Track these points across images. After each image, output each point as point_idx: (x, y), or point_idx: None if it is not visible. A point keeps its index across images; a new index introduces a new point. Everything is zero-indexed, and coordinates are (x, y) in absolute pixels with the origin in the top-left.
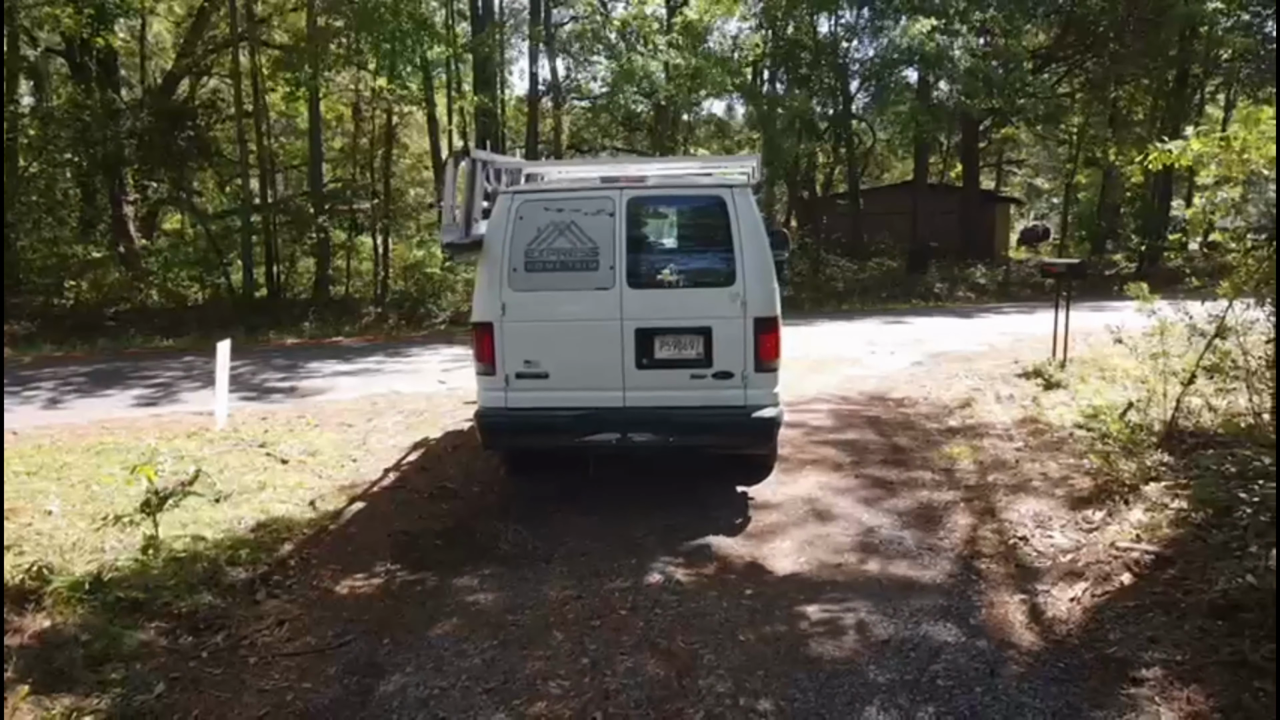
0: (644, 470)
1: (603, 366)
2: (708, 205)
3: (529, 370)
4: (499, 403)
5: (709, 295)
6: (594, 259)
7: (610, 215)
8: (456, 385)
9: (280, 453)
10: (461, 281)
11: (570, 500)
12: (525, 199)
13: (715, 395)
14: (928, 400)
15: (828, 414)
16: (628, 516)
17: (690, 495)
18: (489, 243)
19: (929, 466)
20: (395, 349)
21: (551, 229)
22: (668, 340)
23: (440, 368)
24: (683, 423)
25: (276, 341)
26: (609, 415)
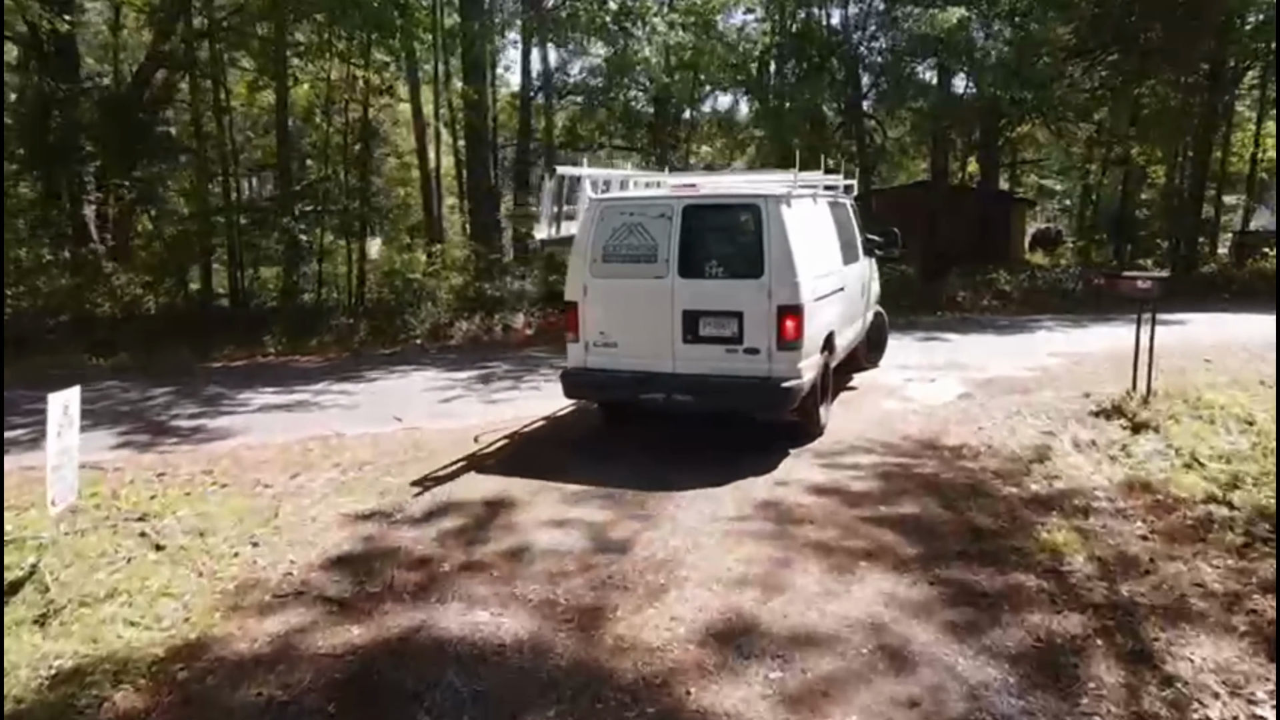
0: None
1: (658, 340)
2: (745, 212)
3: (602, 339)
4: (580, 363)
5: (742, 285)
6: (654, 254)
7: (669, 219)
8: (416, 423)
9: (160, 532)
10: (444, 288)
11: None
12: (606, 205)
13: (744, 366)
14: (992, 449)
15: (872, 471)
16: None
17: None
18: (578, 238)
19: (1028, 564)
20: (356, 371)
21: (624, 229)
22: (709, 321)
23: (402, 398)
24: (717, 388)
25: (226, 359)
26: (660, 379)
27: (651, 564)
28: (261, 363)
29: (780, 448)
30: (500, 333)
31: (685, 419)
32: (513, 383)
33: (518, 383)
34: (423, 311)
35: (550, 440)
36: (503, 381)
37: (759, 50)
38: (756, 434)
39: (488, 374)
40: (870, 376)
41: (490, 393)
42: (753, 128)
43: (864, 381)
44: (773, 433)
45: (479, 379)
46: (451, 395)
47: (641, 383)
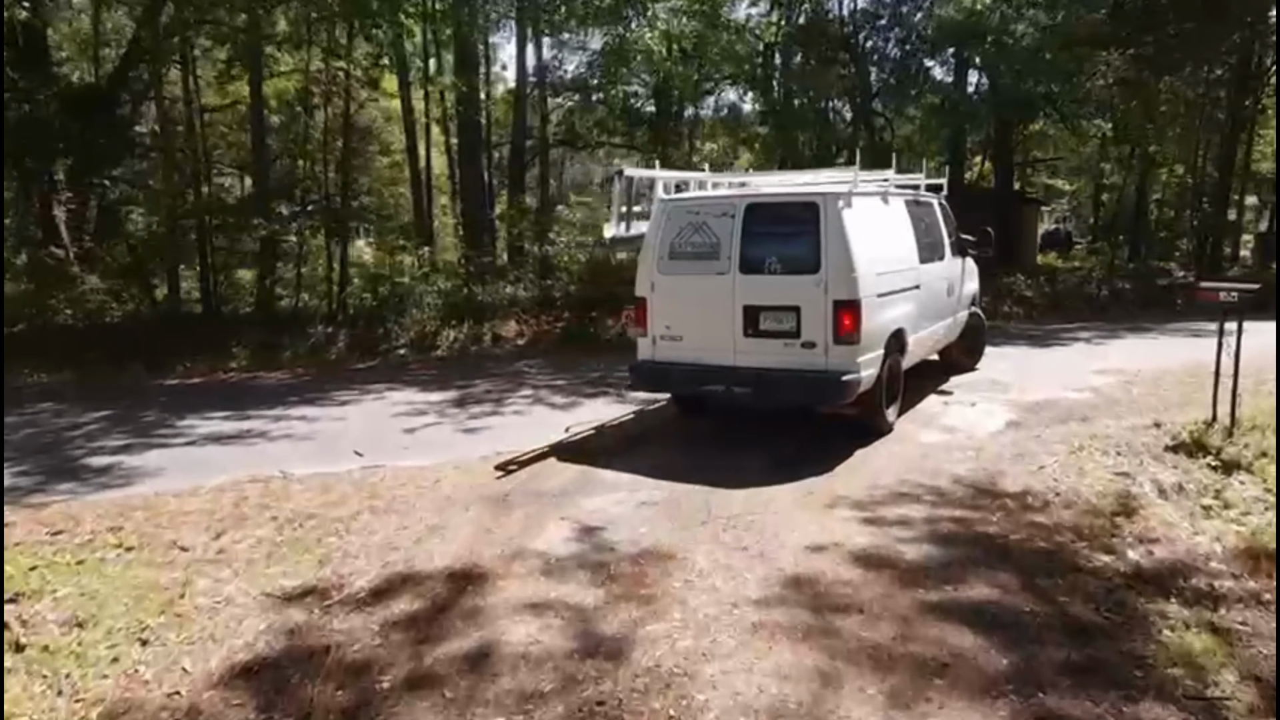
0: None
1: (720, 334)
2: (804, 209)
3: (668, 333)
4: (648, 356)
5: (800, 281)
6: (716, 251)
7: (731, 217)
8: (379, 459)
9: (30, 622)
10: (432, 293)
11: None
12: (674, 205)
13: (802, 360)
14: (1061, 496)
15: (925, 530)
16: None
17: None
18: (647, 237)
19: (1162, 688)
20: (324, 390)
21: (689, 228)
22: (768, 315)
23: (369, 426)
24: (775, 381)
25: (185, 375)
26: (722, 372)
27: (656, 679)
28: (223, 379)
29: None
30: (490, 342)
31: (735, 425)
32: (493, 405)
33: (499, 405)
34: (407, 319)
35: (526, 489)
36: (482, 405)
37: (763, 45)
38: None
39: (468, 394)
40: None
41: (468, 418)
42: (758, 125)
43: None
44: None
45: (456, 401)
46: (424, 422)
47: (704, 375)
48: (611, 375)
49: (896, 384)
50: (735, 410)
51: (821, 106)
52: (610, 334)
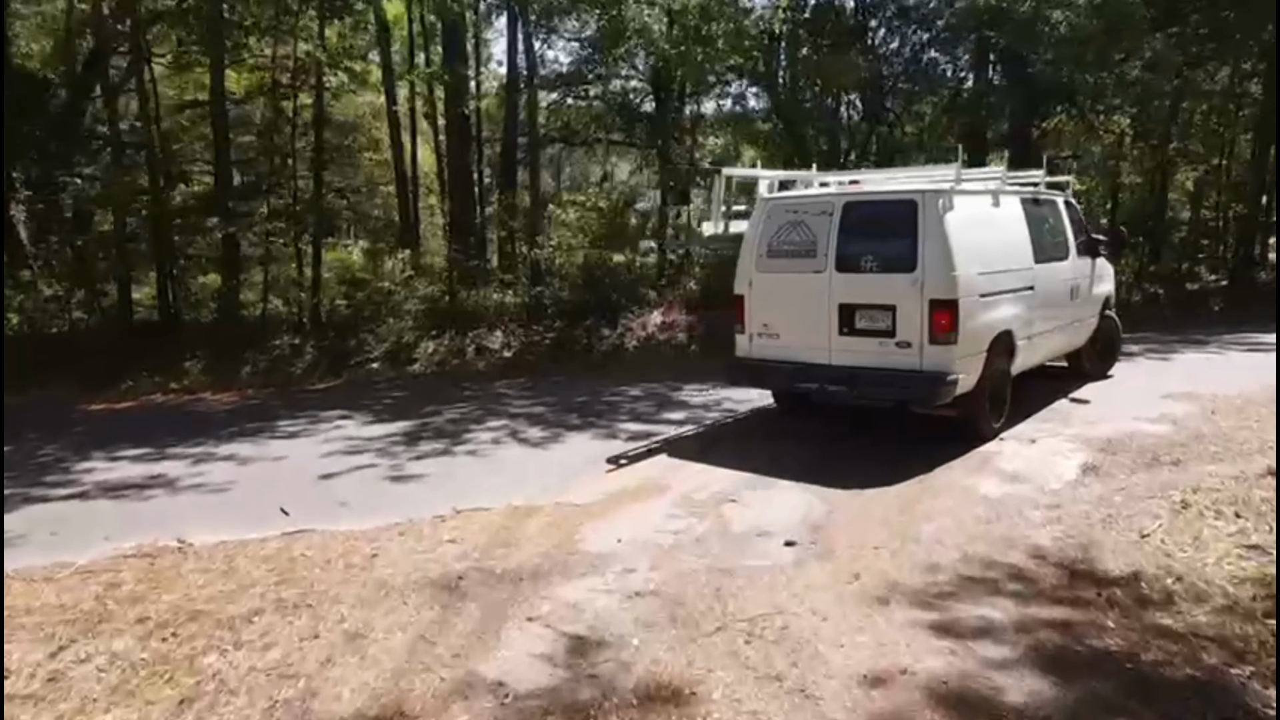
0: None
1: (815, 332)
2: (902, 207)
3: (765, 330)
4: (745, 352)
5: (896, 279)
6: (813, 249)
7: (829, 216)
8: (308, 522)
9: None
10: (413, 299)
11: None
12: (774, 203)
13: (897, 359)
14: (1185, 583)
15: (1018, 644)
16: None
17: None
18: (747, 235)
19: None
20: (268, 417)
21: (788, 226)
22: (864, 314)
23: (307, 470)
24: (869, 379)
25: (118, 397)
26: (816, 369)
27: None
28: (159, 402)
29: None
30: (473, 354)
31: (756, 472)
32: (448, 442)
33: (454, 441)
34: (383, 329)
35: (484, 568)
36: (443, 440)
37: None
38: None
39: (430, 424)
40: (952, 441)
41: (408, 459)
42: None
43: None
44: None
45: (415, 434)
46: (373, 464)
47: (798, 372)
48: (602, 399)
49: (1003, 389)
50: (762, 456)
51: (831, 100)
52: (606, 345)
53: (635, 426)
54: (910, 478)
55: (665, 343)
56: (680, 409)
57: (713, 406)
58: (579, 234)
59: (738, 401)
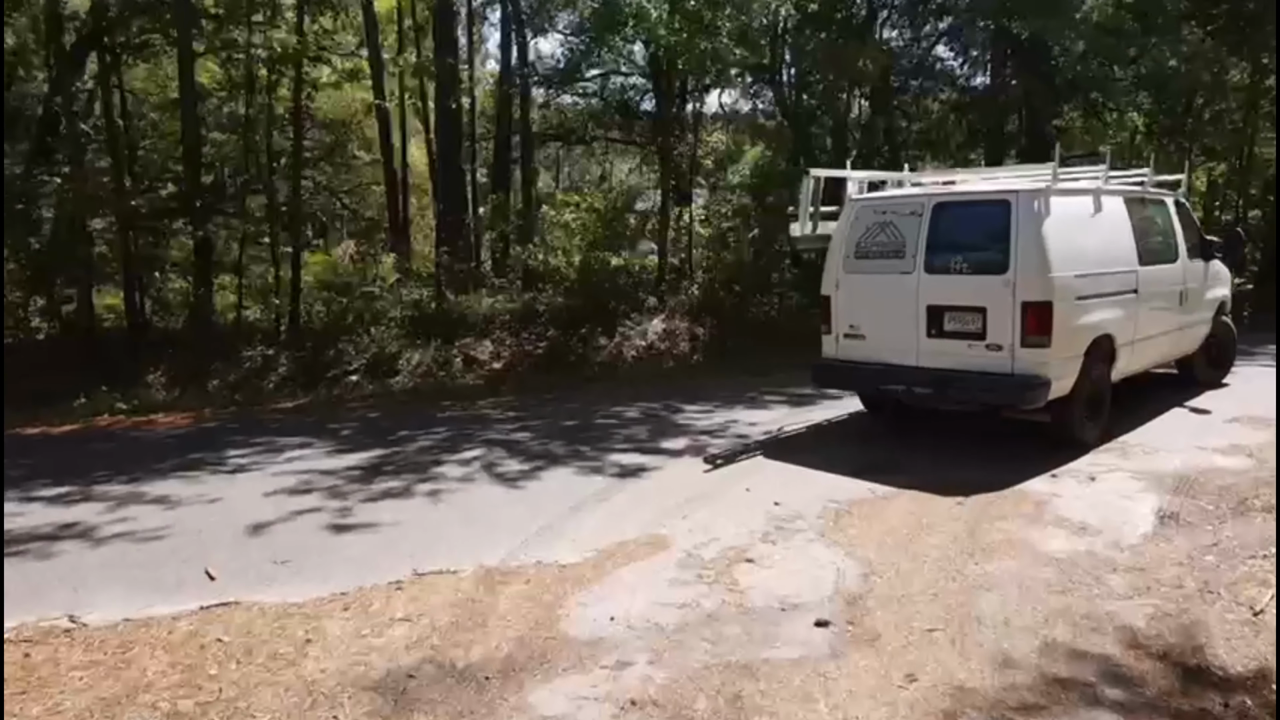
0: None
1: (903, 333)
2: (995, 208)
3: (852, 332)
4: (831, 353)
5: (987, 281)
6: (901, 250)
7: (919, 216)
8: (234, 589)
9: None
10: (398, 306)
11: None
12: (862, 205)
13: (987, 362)
14: None
15: None
16: None
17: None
18: (835, 236)
19: None
20: (218, 446)
21: (876, 227)
22: (953, 316)
23: (244, 517)
24: (958, 382)
25: (57, 420)
26: (903, 371)
27: None
28: (103, 425)
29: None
30: (460, 366)
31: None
32: (415, 478)
33: (421, 477)
34: (364, 339)
35: (441, 662)
36: (400, 478)
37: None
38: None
39: (398, 454)
40: (996, 474)
41: (367, 501)
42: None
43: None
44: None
45: (378, 467)
46: (306, 508)
47: (885, 374)
48: (593, 421)
49: (1101, 393)
50: (778, 495)
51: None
52: (602, 355)
53: (627, 459)
54: (958, 523)
55: (666, 353)
56: (681, 435)
57: (719, 432)
58: (575, 236)
59: (748, 426)
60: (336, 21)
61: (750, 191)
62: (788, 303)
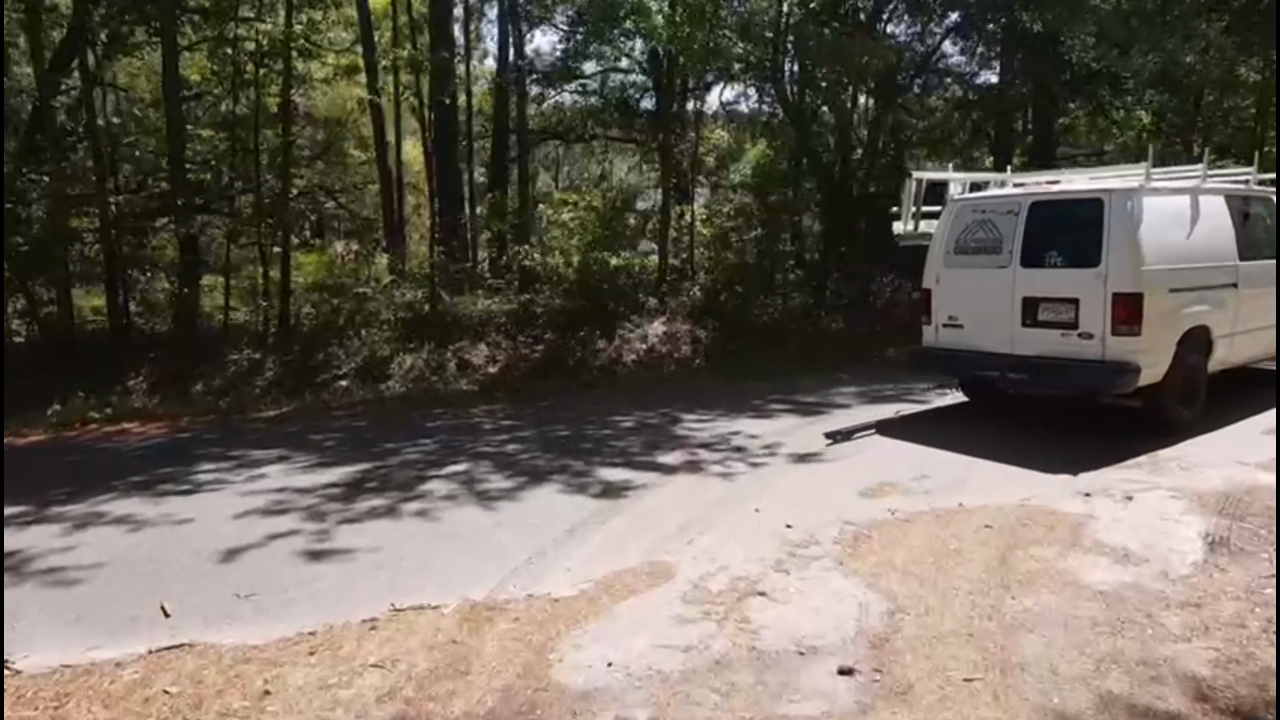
0: None
1: (999, 323)
2: (1089, 206)
3: (951, 322)
4: (931, 342)
5: (1080, 274)
6: (999, 246)
7: (1015, 215)
8: (191, 629)
9: None
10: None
11: None
12: (962, 204)
13: (1078, 349)
14: None
15: None
16: None
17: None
18: (936, 233)
19: None
20: (189, 460)
21: (975, 224)
22: (1047, 307)
23: (211, 542)
24: (1051, 368)
25: (26, 429)
26: (998, 359)
27: None
28: (73, 436)
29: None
30: (454, 370)
31: None
32: (397, 496)
33: (404, 496)
34: (355, 341)
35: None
36: (381, 497)
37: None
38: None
39: (380, 469)
40: (1027, 485)
41: (342, 523)
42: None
43: (986, 486)
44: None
45: (358, 483)
46: (276, 532)
47: (981, 361)
48: (587, 431)
49: (1196, 382)
50: (788, 517)
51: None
52: (601, 360)
53: (625, 475)
54: (989, 549)
55: (667, 356)
56: (683, 448)
57: (718, 445)
58: (574, 236)
59: (749, 438)
60: (326, 15)
61: (752, 191)
62: (791, 304)
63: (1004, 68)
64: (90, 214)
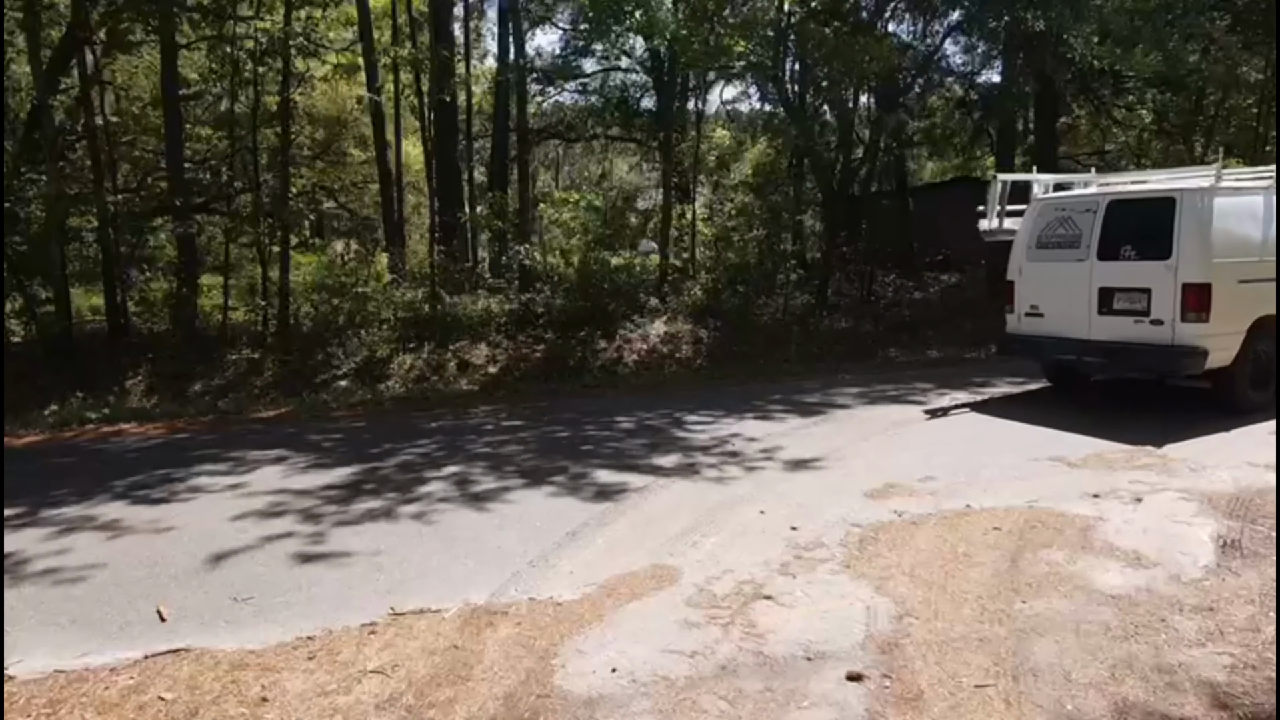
0: None
1: (1076, 311)
2: (1162, 204)
3: (1032, 311)
4: (1014, 329)
5: (1152, 266)
6: (1077, 241)
7: (1093, 212)
8: (188, 632)
9: None
10: (389, 308)
11: None
12: (1045, 203)
13: (1150, 335)
14: None
15: None
16: None
17: None
18: (1020, 230)
19: None
20: (185, 461)
21: (1055, 221)
22: (1121, 296)
23: (207, 544)
24: (1124, 351)
25: (27, 427)
26: (1076, 343)
27: None
28: (64, 438)
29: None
30: (454, 370)
31: None
32: (396, 498)
33: (403, 497)
34: (355, 341)
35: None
36: (380, 499)
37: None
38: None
39: (377, 471)
40: (1034, 488)
41: (341, 525)
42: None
43: (994, 483)
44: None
45: (356, 485)
46: (274, 533)
47: (1060, 345)
48: (587, 432)
49: (1266, 368)
50: (792, 518)
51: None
52: (602, 360)
53: (628, 477)
54: (998, 552)
55: (669, 356)
56: (680, 449)
57: (721, 446)
58: (574, 235)
59: (752, 440)
60: (325, 13)
61: (753, 190)
62: (793, 304)
63: (1006, 67)
64: (88, 213)
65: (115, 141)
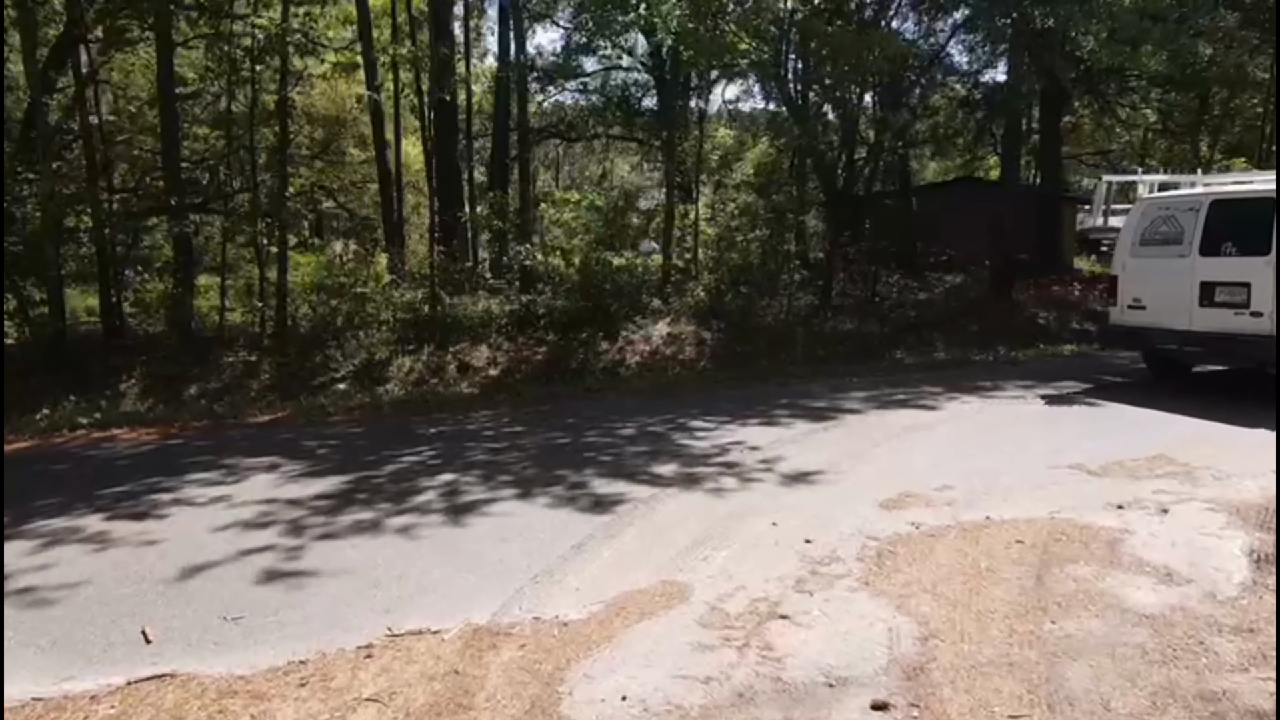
0: None
1: (1178, 304)
2: (1262, 204)
3: (1134, 303)
4: (1117, 321)
5: (1251, 261)
6: (1180, 238)
7: (1196, 212)
8: (174, 655)
9: None
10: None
11: None
12: (1149, 203)
13: (1249, 326)
14: None
15: None
16: None
17: None
18: (1124, 227)
19: None
20: (176, 469)
21: (1159, 220)
22: (1222, 290)
23: (193, 557)
24: (1225, 342)
25: (17, 433)
26: (1177, 335)
27: None
28: (54, 444)
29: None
30: (455, 372)
31: None
32: (390, 508)
33: (398, 507)
34: (354, 342)
35: None
36: (374, 508)
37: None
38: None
39: (369, 479)
40: (1054, 497)
41: (335, 537)
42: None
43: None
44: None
45: (343, 495)
46: (265, 545)
47: (1161, 336)
48: (587, 438)
49: None
50: (807, 530)
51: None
52: (604, 362)
53: (633, 486)
54: (1023, 568)
55: (672, 358)
56: (687, 456)
57: (728, 453)
58: (575, 235)
59: (752, 449)
60: (324, 10)
61: (755, 190)
62: (797, 305)
63: (1012, 65)
64: (84, 213)
65: (111, 141)
